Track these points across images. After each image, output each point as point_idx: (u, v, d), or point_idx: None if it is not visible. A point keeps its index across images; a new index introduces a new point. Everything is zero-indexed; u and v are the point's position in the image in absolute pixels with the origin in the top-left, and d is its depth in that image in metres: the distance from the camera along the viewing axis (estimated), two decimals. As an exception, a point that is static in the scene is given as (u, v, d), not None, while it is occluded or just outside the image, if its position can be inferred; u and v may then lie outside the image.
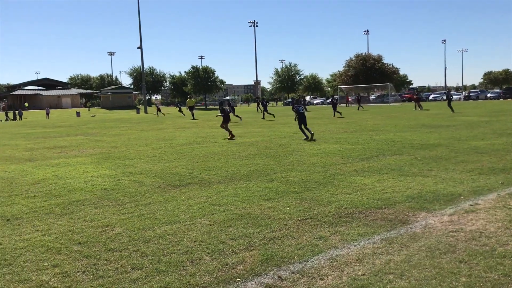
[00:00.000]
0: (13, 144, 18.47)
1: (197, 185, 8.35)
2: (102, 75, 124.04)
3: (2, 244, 5.28)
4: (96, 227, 5.85)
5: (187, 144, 16.07)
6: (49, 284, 4.12)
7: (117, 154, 13.55)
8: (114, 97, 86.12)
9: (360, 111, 41.67)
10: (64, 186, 8.68)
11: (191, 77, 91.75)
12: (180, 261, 4.56)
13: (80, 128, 29.13)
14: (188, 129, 24.68)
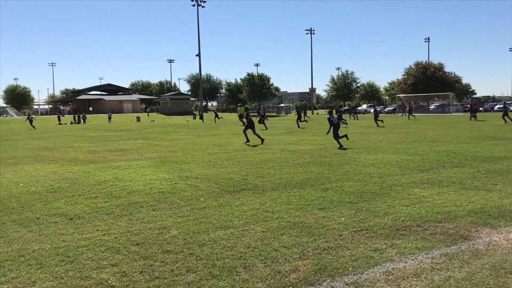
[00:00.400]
0: (77, 147, 19.42)
1: (251, 192, 8.40)
2: (162, 82, 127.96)
3: (65, 242, 5.55)
4: (153, 229, 6.02)
5: (241, 150, 16.22)
6: (108, 282, 4.28)
7: (174, 159, 13.91)
8: (172, 103, 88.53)
9: (411, 120, 40.45)
10: (124, 188, 9.01)
11: (246, 84, 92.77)
12: (234, 266, 4.60)
13: (140, 133, 30.16)
14: (242, 135, 24.90)
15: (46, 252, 5.15)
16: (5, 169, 12.35)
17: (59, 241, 5.56)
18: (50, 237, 5.76)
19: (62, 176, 10.73)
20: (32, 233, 5.93)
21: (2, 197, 8.36)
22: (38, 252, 5.17)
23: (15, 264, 4.78)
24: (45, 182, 9.96)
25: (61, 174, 11.07)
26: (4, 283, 4.28)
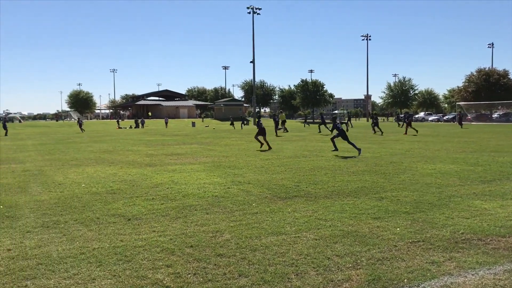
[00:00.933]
0: (136, 150, 20.11)
1: (303, 198, 8.35)
2: (217, 88, 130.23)
3: (123, 241, 5.75)
4: (207, 232, 6.12)
5: (294, 156, 16.17)
6: (163, 282, 4.39)
7: (227, 163, 14.09)
8: (226, 109, 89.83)
9: (464, 129, 38.74)
10: (179, 191, 9.23)
11: (300, 90, 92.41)
12: (286, 272, 4.59)
13: (195, 137, 30.80)
14: (295, 142, 24.85)
15: (105, 251, 5.36)
16: (68, 170, 12.99)
17: (117, 241, 5.77)
18: (109, 236, 5.99)
19: (121, 178, 11.15)
20: (92, 232, 6.20)
21: (65, 197, 8.79)
22: (97, 250, 5.39)
23: (76, 261, 5.01)
24: (105, 183, 10.38)
25: (120, 176, 11.50)
26: (66, 279, 4.50)
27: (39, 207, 7.84)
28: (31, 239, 5.88)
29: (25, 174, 12.23)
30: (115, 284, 4.35)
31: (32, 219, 6.93)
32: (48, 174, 12.08)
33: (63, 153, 18.85)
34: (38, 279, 4.50)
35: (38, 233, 6.14)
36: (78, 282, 4.41)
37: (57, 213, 7.38)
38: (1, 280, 4.45)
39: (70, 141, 28.40)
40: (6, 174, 12.16)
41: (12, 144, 26.07)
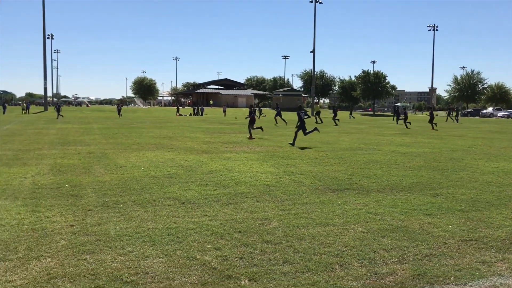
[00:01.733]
0: (194, 137, 20.67)
1: (355, 191, 8.31)
2: (275, 78, 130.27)
3: (176, 223, 6.02)
4: (256, 219, 6.27)
5: (350, 149, 16.00)
6: (210, 264, 4.58)
7: (281, 153, 14.20)
8: (285, 99, 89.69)
9: None
10: (232, 178, 9.45)
11: (361, 81, 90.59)
12: (330, 262, 4.65)
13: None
14: (353, 134, 24.51)
15: (159, 231, 5.64)
16: (129, 153, 13.62)
17: (171, 222, 6.05)
18: (163, 218, 6.29)
19: (178, 164, 11.56)
20: (148, 213, 6.53)
21: (125, 179, 9.27)
22: (152, 230, 5.68)
23: (131, 240, 5.32)
24: (163, 168, 10.82)
25: (177, 162, 11.93)
26: (121, 255, 4.80)
27: (101, 187, 8.33)
28: (92, 217, 6.29)
29: (90, 156, 12.97)
30: (166, 263, 4.59)
31: (94, 199, 7.39)
32: (111, 157, 12.74)
33: (125, 137, 19.73)
34: (96, 253, 4.83)
35: (99, 212, 6.55)
36: (132, 259, 4.69)
37: (117, 193, 7.81)
38: (64, 253, 4.83)
39: (133, 126, 29.61)
40: (72, 156, 12.95)
41: (79, 127, 27.57)
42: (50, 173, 9.78)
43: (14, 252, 4.83)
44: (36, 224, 5.87)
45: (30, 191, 7.91)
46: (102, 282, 4.10)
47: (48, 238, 5.30)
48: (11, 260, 4.59)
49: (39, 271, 4.32)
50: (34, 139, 18.27)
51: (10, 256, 4.71)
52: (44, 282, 4.07)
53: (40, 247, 4.99)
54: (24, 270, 4.34)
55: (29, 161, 11.62)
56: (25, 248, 4.96)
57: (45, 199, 7.27)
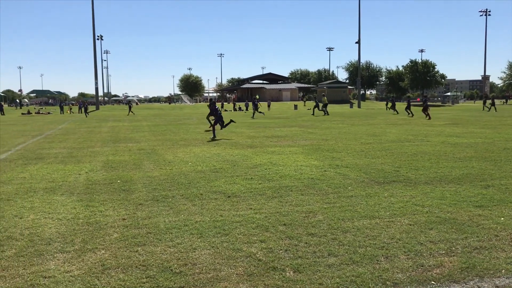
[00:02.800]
0: (238, 132, 20.90)
1: (402, 184, 8.18)
2: (320, 70, 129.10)
3: (222, 216, 6.17)
4: (301, 212, 6.31)
5: (397, 141, 15.69)
6: (256, 256, 4.68)
7: (326, 147, 14.12)
8: (330, 91, 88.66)
9: None
10: (277, 172, 9.53)
11: (408, 71, 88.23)
12: (375, 255, 4.63)
13: (296, 120, 31.08)
14: (400, 125, 23.98)
15: (206, 224, 5.80)
16: (177, 149, 13.98)
17: (217, 215, 6.20)
18: (210, 211, 6.45)
19: (224, 158, 11.76)
20: (196, 207, 6.71)
21: (173, 173, 9.54)
22: (199, 223, 5.85)
23: (180, 232, 5.50)
24: (209, 162, 11.04)
25: (223, 156, 12.13)
26: (171, 247, 4.98)
27: (151, 182, 8.62)
28: (142, 210, 6.54)
29: (140, 152, 13.41)
30: (213, 255, 4.73)
31: (144, 193, 7.67)
32: (160, 153, 13.12)
33: (173, 134, 20.23)
34: (147, 246, 5.04)
35: (149, 206, 6.80)
36: (181, 251, 4.87)
37: (166, 188, 8.07)
38: (117, 245, 5.07)
39: (181, 122, 30.26)
40: (123, 152, 13.44)
41: (129, 125, 28.49)
42: (103, 170, 10.21)
43: (71, 244, 5.12)
44: (90, 218, 6.18)
45: (84, 187, 8.30)
46: (153, 272, 4.29)
47: (102, 231, 5.57)
48: (68, 252, 4.87)
49: (94, 262, 4.56)
50: (87, 137, 19.07)
51: (67, 248, 5.00)
52: (99, 273, 4.31)
53: (94, 240, 5.26)
54: (81, 261, 4.60)
55: (83, 159, 12.17)
56: (81, 240, 5.24)
57: (99, 194, 7.62)
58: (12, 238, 5.34)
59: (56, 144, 16.36)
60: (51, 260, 4.63)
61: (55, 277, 4.20)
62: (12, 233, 5.52)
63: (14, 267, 4.45)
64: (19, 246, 5.07)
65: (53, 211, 6.54)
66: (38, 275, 4.26)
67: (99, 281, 4.12)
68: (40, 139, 18.71)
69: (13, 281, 4.13)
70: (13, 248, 5.01)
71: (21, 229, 5.70)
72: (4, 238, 5.36)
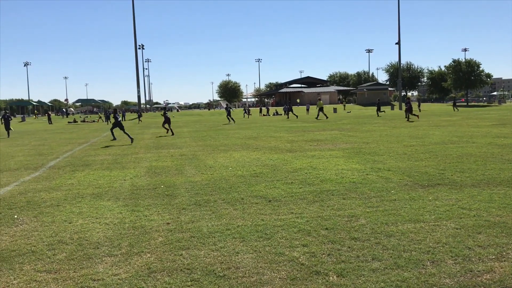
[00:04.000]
0: (278, 136, 20.91)
1: (447, 187, 7.95)
2: (359, 72, 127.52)
3: (264, 221, 6.19)
4: (342, 216, 6.25)
5: (441, 143, 15.27)
6: (298, 260, 4.67)
7: (367, 150, 13.92)
8: (370, 94, 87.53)
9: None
10: (317, 176, 9.47)
11: (451, 71, 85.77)
12: (421, 259, 4.53)
13: (336, 124, 30.78)
14: (444, 127, 23.33)
15: (247, 228, 5.85)
16: (217, 154, 14.14)
17: (258, 220, 6.24)
18: (251, 215, 6.49)
19: (263, 163, 11.80)
20: (237, 211, 6.77)
21: (215, 178, 9.66)
22: (241, 227, 5.90)
23: (222, 236, 5.57)
24: (249, 167, 11.11)
25: (263, 161, 12.18)
26: (214, 251, 5.05)
27: (193, 187, 8.76)
28: (185, 215, 6.66)
29: (182, 158, 13.66)
30: (256, 259, 4.76)
31: (187, 198, 7.81)
32: (201, 158, 13.32)
33: (213, 139, 20.47)
34: (191, 249, 5.13)
35: (192, 210, 6.92)
36: (224, 254, 4.92)
37: (207, 193, 8.18)
38: (162, 249, 5.19)
39: (220, 128, 30.59)
40: (166, 158, 13.72)
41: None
42: (147, 175, 10.46)
43: (118, 248, 5.28)
44: (136, 222, 6.35)
45: (129, 192, 8.54)
46: (197, 275, 4.36)
47: (147, 235, 5.72)
48: (116, 256, 5.02)
49: (141, 266, 4.69)
50: (131, 144, 19.58)
51: (115, 251, 5.16)
52: (145, 276, 4.42)
53: (140, 244, 5.40)
54: (127, 265, 4.73)
55: (127, 165, 12.51)
56: (127, 244, 5.40)
57: (143, 199, 7.82)
58: (62, 242, 5.56)
59: (101, 151, 16.89)
60: (100, 264, 4.79)
61: (103, 280, 4.35)
62: (62, 237, 5.75)
63: (65, 270, 4.64)
64: (69, 249, 5.27)
65: (100, 216, 6.76)
66: (88, 277, 4.41)
67: (145, 284, 4.23)
68: (86, 146, 19.37)
69: (65, 284, 4.30)
70: (63, 251, 5.21)
71: (70, 233, 5.93)
72: (55, 242, 5.59)
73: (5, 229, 6.26)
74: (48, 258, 5.00)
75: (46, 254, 5.15)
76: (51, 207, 7.49)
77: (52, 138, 25.68)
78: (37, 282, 4.36)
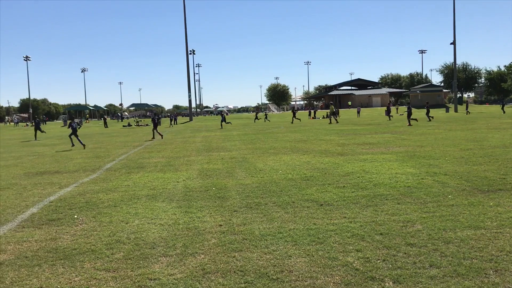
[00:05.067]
0: (328, 139, 20.69)
1: (509, 192, 7.57)
2: (412, 74, 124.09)
3: (316, 224, 6.14)
4: (397, 221, 6.09)
5: (501, 146, 14.57)
6: (352, 265, 4.59)
7: (422, 153, 13.51)
8: (423, 96, 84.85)
9: None
10: (370, 180, 9.28)
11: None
12: (483, 268, 4.33)
13: (388, 127, 30.09)
14: (504, 130, 22.25)
15: (299, 232, 5.81)
16: (267, 157, 14.17)
17: (310, 224, 6.19)
18: (303, 219, 6.45)
19: (314, 166, 11.71)
20: (288, 214, 6.75)
21: (265, 181, 9.68)
22: (293, 231, 5.88)
23: (274, 239, 5.56)
24: (300, 170, 11.05)
25: (313, 164, 12.08)
26: (266, 254, 5.06)
27: (244, 190, 8.82)
28: (237, 217, 6.72)
29: (232, 161, 13.79)
30: (309, 263, 4.72)
31: (238, 200, 7.87)
32: (251, 161, 13.40)
33: (263, 142, 20.54)
34: (243, 252, 5.16)
35: (243, 213, 6.97)
36: (276, 258, 4.92)
37: (258, 195, 8.21)
38: (215, 250, 5.25)
39: (269, 131, 30.66)
40: (216, 161, 13.90)
41: (221, 134, 29.43)
42: (199, 177, 10.65)
43: (172, 248, 5.39)
44: (189, 223, 6.47)
45: (182, 194, 8.71)
46: (250, 278, 4.38)
47: (201, 237, 5.80)
48: (171, 256, 5.13)
49: (195, 267, 4.76)
50: (182, 147, 20.01)
51: (170, 252, 5.27)
52: (200, 277, 4.48)
53: (194, 245, 5.49)
54: (182, 265, 4.82)
55: (180, 167, 12.78)
56: (181, 245, 5.50)
57: (196, 201, 7.95)
58: (120, 242, 5.74)
59: (155, 154, 17.36)
60: (156, 263, 4.91)
61: (160, 280, 4.45)
62: (120, 237, 5.95)
63: (123, 269, 4.79)
64: (126, 249, 5.44)
65: (155, 217, 6.94)
66: (145, 277, 4.54)
67: (200, 285, 4.29)
68: (140, 149, 19.97)
69: (123, 282, 4.44)
70: (121, 251, 5.39)
71: (127, 233, 6.12)
72: (114, 241, 5.78)
73: (66, 228, 6.55)
74: (106, 257, 5.18)
75: (105, 253, 5.34)
76: (108, 207, 7.77)
77: (108, 141, 26.67)
78: (97, 280, 4.53)
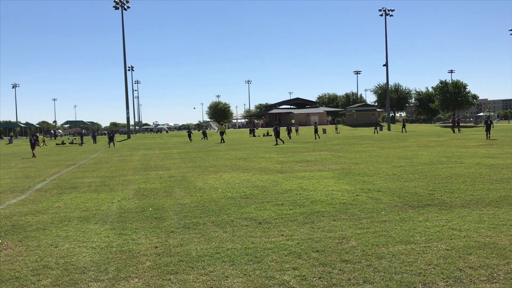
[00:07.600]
0: (268, 157, 20.89)
1: (437, 207, 7.96)
2: (348, 94, 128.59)
3: (254, 243, 6.12)
4: (333, 238, 6.20)
5: (430, 163, 15.36)
6: (289, 284, 4.60)
7: (357, 170, 13.94)
8: (358, 115, 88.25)
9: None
10: (307, 197, 9.43)
11: (438, 92, 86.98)
12: (412, 282, 4.49)
13: (325, 144, 30.88)
14: (432, 147, 23.51)
15: (237, 251, 5.76)
16: (207, 176, 14.06)
17: (248, 243, 6.16)
18: (241, 238, 6.41)
19: (253, 184, 11.74)
20: (227, 234, 6.69)
21: (204, 200, 9.57)
22: (231, 250, 5.82)
23: (212, 260, 5.48)
24: (239, 188, 11.04)
25: (253, 182, 12.12)
26: (203, 275, 4.96)
27: (182, 209, 8.67)
28: (174, 238, 6.56)
29: (171, 180, 13.55)
30: (246, 283, 4.68)
31: (176, 221, 7.71)
32: (190, 180, 13.22)
33: (203, 161, 20.38)
34: (179, 274, 5.03)
35: (180, 233, 6.82)
36: (213, 279, 4.83)
37: (197, 215, 8.09)
38: (149, 273, 5.08)
39: (210, 149, 30.51)
40: (154, 180, 13.60)
41: (160, 152, 28.90)
42: (135, 198, 10.34)
43: (105, 273, 5.16)
44: (123, 246, 6.24)
45: (117, 215, 8.41)
46: (185, 301, 4.26)
47: (135, 260, 5.60)
48: (102, 281, 4.91)
49: (128, 291, 4.57)
50: (119, 166, 19.42)
51: (101, 276, 5.04)
52: (133, 301, 4.31)
53: (128, 268, 5.29)
54: (115, 290, 4.62)
55: (116, 187, 12.37)
56: (114, 269, 5.28)
57: (131, 222, 7.70)
58: (48, 267, 5.42)
59: (89, 173, 16.72)
60: (86, 289, 4.67)
61: (89, 306, 4.23)
62: (48, 262, 5.62)
63: (50, 296, 4.51)
64: (54, 275, 5.14)
65: (87, 240, 6.63)
66: (73, 304, 4.29)
67: (132, 310, 4.12)
68: (73, 168, 19.16)
69: (49, 310, 4.17)
70: (49, 277, 5.08)
71: (56, 258, 5.80)
72: (40, 267, 5.45)
73: (-11, 254, 6.10)
74: (32, 284, 4.87)
75: (31, 280, 5.02)
76: (37, 230, 7.35)
77: (39, 160, 25.40)
78: (20, 309, 4.23)
